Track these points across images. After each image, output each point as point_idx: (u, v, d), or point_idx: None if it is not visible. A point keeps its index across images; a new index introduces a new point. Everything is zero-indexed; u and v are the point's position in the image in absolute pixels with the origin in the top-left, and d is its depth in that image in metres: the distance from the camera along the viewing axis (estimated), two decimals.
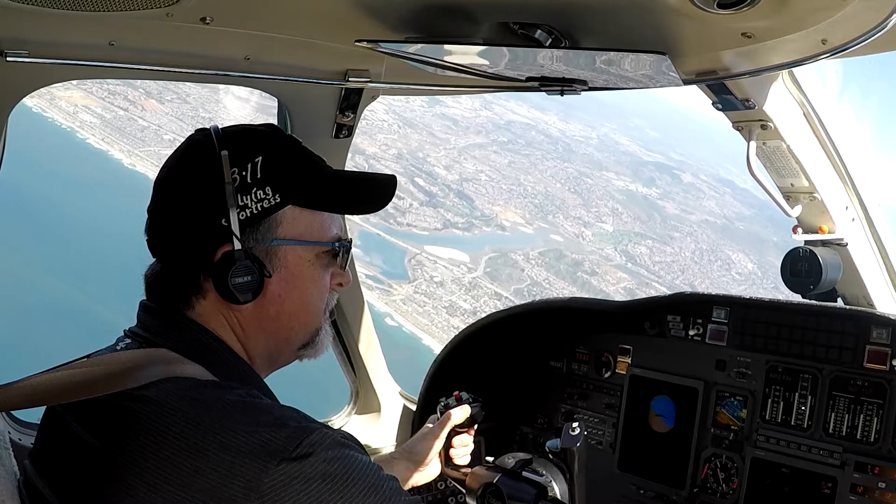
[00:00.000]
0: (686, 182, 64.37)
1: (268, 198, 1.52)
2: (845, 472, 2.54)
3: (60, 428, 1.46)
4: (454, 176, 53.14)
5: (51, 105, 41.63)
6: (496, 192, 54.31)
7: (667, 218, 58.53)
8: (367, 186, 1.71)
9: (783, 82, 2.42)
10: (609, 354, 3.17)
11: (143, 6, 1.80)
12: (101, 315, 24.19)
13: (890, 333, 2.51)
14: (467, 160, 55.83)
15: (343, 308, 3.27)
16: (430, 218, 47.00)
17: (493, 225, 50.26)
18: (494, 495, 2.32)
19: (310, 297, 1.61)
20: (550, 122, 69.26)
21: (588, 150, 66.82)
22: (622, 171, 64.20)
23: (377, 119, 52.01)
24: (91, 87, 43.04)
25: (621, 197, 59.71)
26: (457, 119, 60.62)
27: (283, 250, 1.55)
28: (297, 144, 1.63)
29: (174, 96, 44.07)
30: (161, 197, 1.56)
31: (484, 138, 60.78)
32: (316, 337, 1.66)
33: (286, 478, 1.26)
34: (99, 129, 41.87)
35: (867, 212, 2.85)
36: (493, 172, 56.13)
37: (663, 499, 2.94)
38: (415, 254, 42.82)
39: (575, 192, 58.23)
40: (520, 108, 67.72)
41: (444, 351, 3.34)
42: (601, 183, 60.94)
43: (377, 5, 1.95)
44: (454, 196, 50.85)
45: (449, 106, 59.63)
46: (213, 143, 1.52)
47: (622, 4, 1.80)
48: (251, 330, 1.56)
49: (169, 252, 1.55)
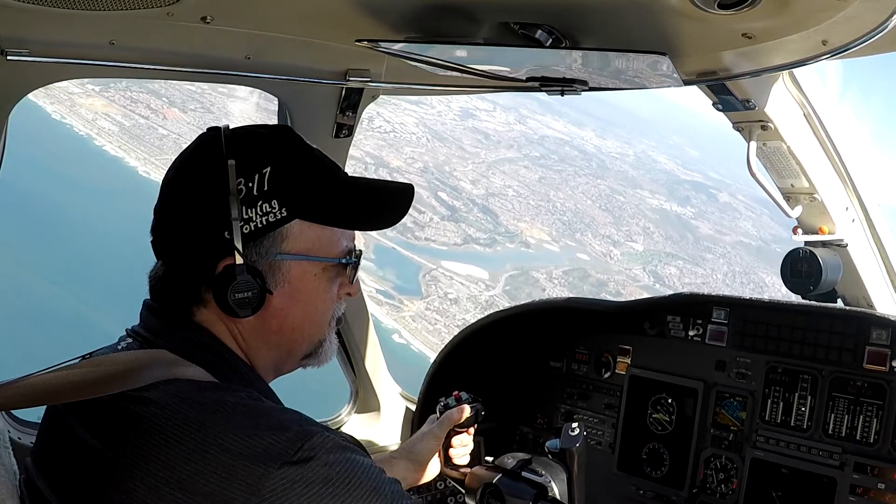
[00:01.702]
0: (722, 202, 62.67)
1: (274, 211, 1.47)
2: (845, 472, 2.54)
3: (61, 428, 1.45)
4: (480, 190, 52.12)
5: (70, 111, 41.57)
6: (523, 207, 53.21)
7: (700, 238, 57.06)
8: (382, 198, 1.65)
9: (784, 83, 2.42)
10: (609, 355, 3.17)
11: (143, 5, 1.80)
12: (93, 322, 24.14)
13: (890, 334, 2.51)
14: (495, 175, 54.81)
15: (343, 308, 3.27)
16: (450, 233, 45.92)
17: (516, 241, 49.01)
18: (494, 495, 2.32)
19: (314, 311, 1.58)
20: (587, 138, 67.79)
21: (623, 167, 65.38)
22: (657, 190, 62.77)
23: (406, 132, 51.27)
24: (114, 95, 42.93)
25: (654, 216, 58.28)
26: (488, 133, 59.46)
27: (288, 265, 1.51)
28: (310, 152, 1.57)
29: (198, 105, 43.82)
30: (167, 200, 1.53)
31: (515, 153, 59.61)
32: (320, 348, 1.64)
33: (287, 481, 1.26)
34: (117, 136, 41.74)
35: (867, 213, 2.85)
36: (521, 188, 54.99)
37: (663, 499, 2.94)
38: (430, 269, 41.62)
39: (606, 209, 56.87)
40: (556, 123, 66.34)
41: (443, 351, 3.34)
42: (634, 201, 59.57)
43: (377, 5, 1.95)
44: (478, 211, 49.82)
45: (482, 120, 58.63)
46: (219, 148, 1.47)
47: (622, 4, 1.79)
48: (253, 341, 1.54)
49: (172, 256, 1.52)
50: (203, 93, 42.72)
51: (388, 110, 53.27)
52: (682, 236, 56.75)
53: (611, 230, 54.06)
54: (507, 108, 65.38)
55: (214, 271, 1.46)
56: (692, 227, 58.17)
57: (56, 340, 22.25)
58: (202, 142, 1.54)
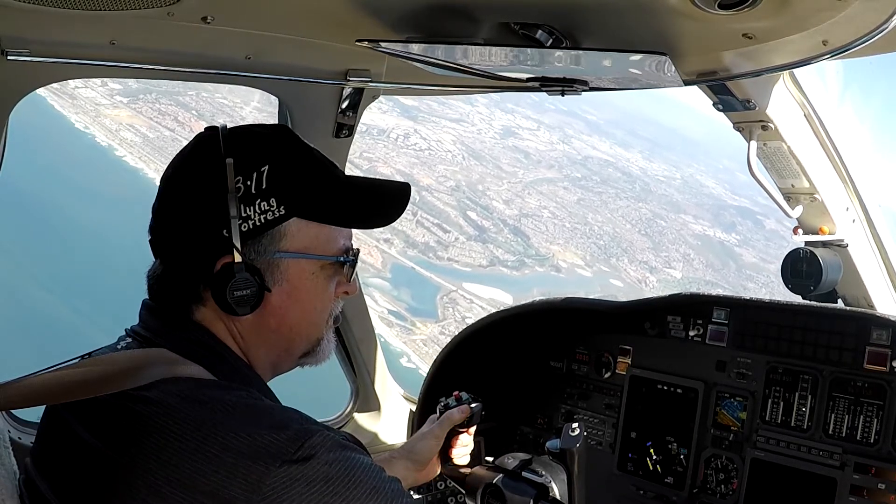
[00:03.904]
0: (769, 229, 60.01)
1: (272, 210, 1.47)
2: (845, 472, 2.53)
3: (61, 427, 1.45)
4: (513, 211, 50.59)
5: (94, 122, 41.39)
6: (557, 230, 51.49)
7: (743, 266, 55.21)
8: (379, 196, 1.67)
9: (784, 83, 2.42)
10: (609, 355, 3.17)
11: (144, 5, 1.80)
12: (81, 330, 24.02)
13: (890, 335, 2.51)
14: (531, 195, 53.19)
15: (344, 309, 3.27)
16: (475, 253, 44.37)
17: (546, 265, 47.21)
18: (494, 495, 2.32)
19: (312, 309, 1.58)
20: (632, 160, 65.63)
21: (668, 190, 63.29)
22: (701, 215, 60.57)
23: (442, 150, 50.12)
24: (142, 107, 42.69)
25: (696, 242, 56.13)
26: (529, 152, 57.90)
27: (286, 263, 1.51)
28: (308, 151, 1.58)
29: (227, 119, 42.99)
30: (165, 198, 1.53)
31: (556, 173, 57.95)
32: (318, 346, 1.65)
33: (288, 480, 1.26)
34: (138, 147, 41.56)
35: (868, 213, 2.85)
36: (558, 209, 53.31)
37: (663, 499, 2.94)
38: (450, 290, 40.04)
39: (645, 234, 55.01)
40: (602, 143, 64.31)
41: (444, 351, 3.34)
42: (676, 226, 57.59)
43: (378, 5, 1.95)
44: (508, 232, 48.20)
45: (523, 138, 57.10)
46: (217, 147, 1.48)
47: (623, 5, 1.79)
48: (251, 340, 1.54)
49: (170, 255, 1.53)
50: (234, 106, 42.29)
51: (427, 127, 51.99)
52: (725, 264, 54.76)
53: (649, 256, 52.02)
54: (551, 128, 63.65)
55: (213, 270, 1.46)
56: (735, 254, 56.16)
57: (55, 344, 22.32)
58: (200, 141, 1.55)
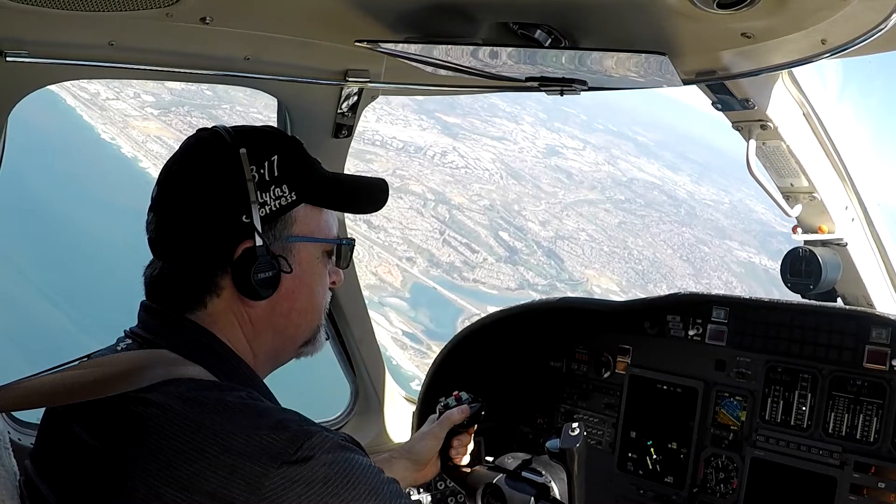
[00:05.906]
0: None
1: (285, 195, 1.56)
2: (845, 472, 2.53)
3: (61, 429, 1.46)
4: (548, 232, 48.56)
5: (121, 133, 40.81)
6: (594, 253, 49.03)
7: (787, 295, 52.60)
8: (365, 187, 1.78)
9: (783, 82, 2.42)
10: (609, 354, 3.17)
11: (142, 6, 1.81)
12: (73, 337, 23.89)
13: (889, 333, 2.51)
14: (570, 216, 51.16)
15: (343, 308, 3.28)
16: (504, 276, 42.16)
17: (579, 290, 44.62)
18: (494, 495, 2.32)
19: (316, 294, 1.66)
20: (680, 183, 63.33)
21: (715, 215, 60.56)
22: (748, 241, 57.56)
23: (480, 168, 48.67)
24: (172, 119, 42.05)
25: (739, 269, 53.30)
26: (572, 172, 56.07)
27: (297, 247, 1.59)
28: (302, 146, 1.67)
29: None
30: (171, 195, 1.56)
31: (598, 195, 55.93)
32: (317, 334, 1.70)
33: (287, 481, 1.26)
34: (163, 159, 40.80)
35: (867, 212, 2.85)
36: (596, 232, 50.89)
37: (663, 499, 2.94)
38: (473, 314, 36.91)
39: (687, 260, 52.56)
40: (650, 165, 62.38)
41: (443, 351, 3.34)
42: (719, 252, 55.03)
43: (377, 5, 1.95)
44: (542, 254, 46.10)
45: (567, 158, 55.56)
46: (225, 141, 1.54)
47: (622, 4, 1.80)
48: (261, 327, 1.58)
49: (180, 251, 1.54)
50: (268, 121, 41.21)
51: (466, 145, 50.52)
52: (768, 292, 52.94)
53: (689, 282, 49.36)
54: (597, 148, 61.72)
55: (233, 256, 1.50)
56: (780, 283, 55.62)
57: (52, 350, 22.23)
58: (201, 138, 1.60)
